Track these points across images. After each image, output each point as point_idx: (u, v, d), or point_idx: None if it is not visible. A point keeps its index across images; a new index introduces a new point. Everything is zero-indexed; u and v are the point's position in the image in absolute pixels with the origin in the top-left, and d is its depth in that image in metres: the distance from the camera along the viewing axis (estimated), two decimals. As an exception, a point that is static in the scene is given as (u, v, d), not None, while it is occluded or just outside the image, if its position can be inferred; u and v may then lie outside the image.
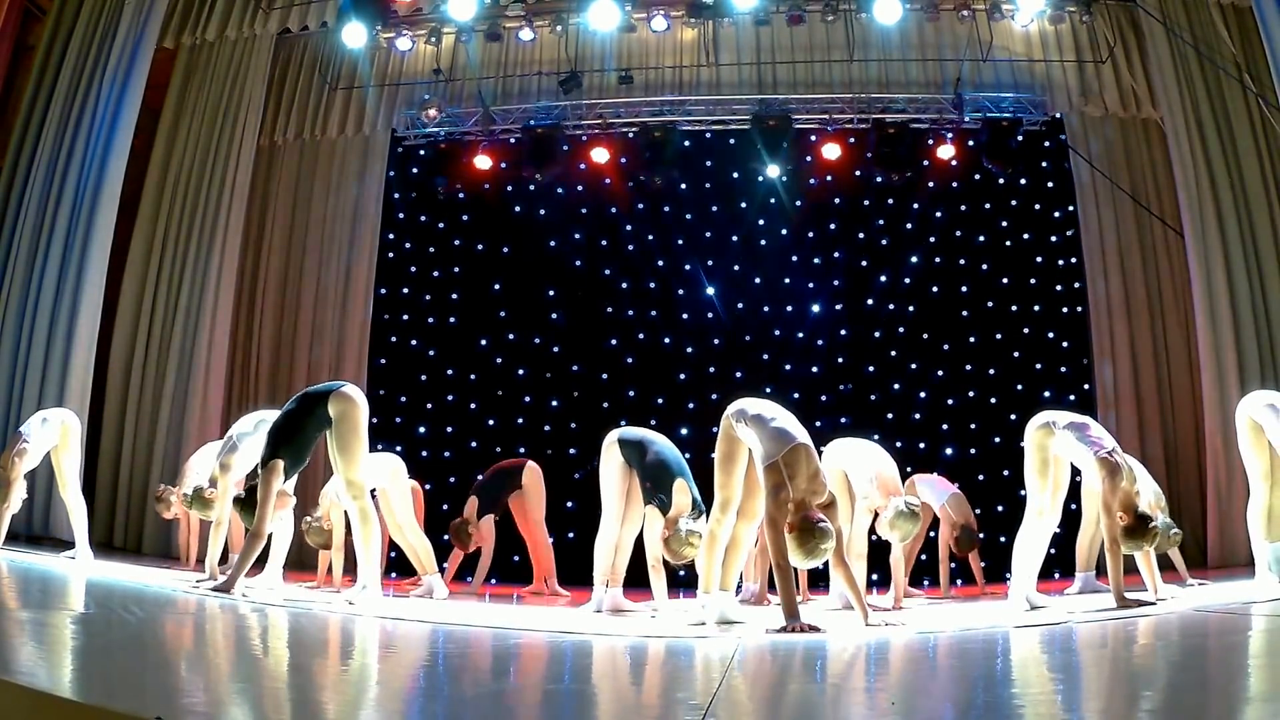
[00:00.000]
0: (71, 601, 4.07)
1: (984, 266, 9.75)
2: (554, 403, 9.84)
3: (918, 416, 9.51)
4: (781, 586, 4.15)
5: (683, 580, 6.09)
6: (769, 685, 2.94)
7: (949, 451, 9.34)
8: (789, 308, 9.84)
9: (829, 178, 9.82)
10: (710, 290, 9.90)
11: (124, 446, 8.84)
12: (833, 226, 9.97)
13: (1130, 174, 9.27)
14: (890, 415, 9.57)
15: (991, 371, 9.55)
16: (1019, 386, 9.43)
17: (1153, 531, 4.56)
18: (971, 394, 9.49)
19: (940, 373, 9.58)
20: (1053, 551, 6.34)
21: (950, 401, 9.50)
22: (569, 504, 9.20)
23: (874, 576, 6.63)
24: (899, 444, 9.44)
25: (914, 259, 9.82)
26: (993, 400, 9.47)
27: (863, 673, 3.13)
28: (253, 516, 4.89)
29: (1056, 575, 7.44)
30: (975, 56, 9.26)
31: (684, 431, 9.65)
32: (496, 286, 10.14)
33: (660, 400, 9.76)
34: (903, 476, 6.34)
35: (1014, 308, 9.60)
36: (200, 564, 6.71)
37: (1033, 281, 9.63)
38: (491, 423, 9.73)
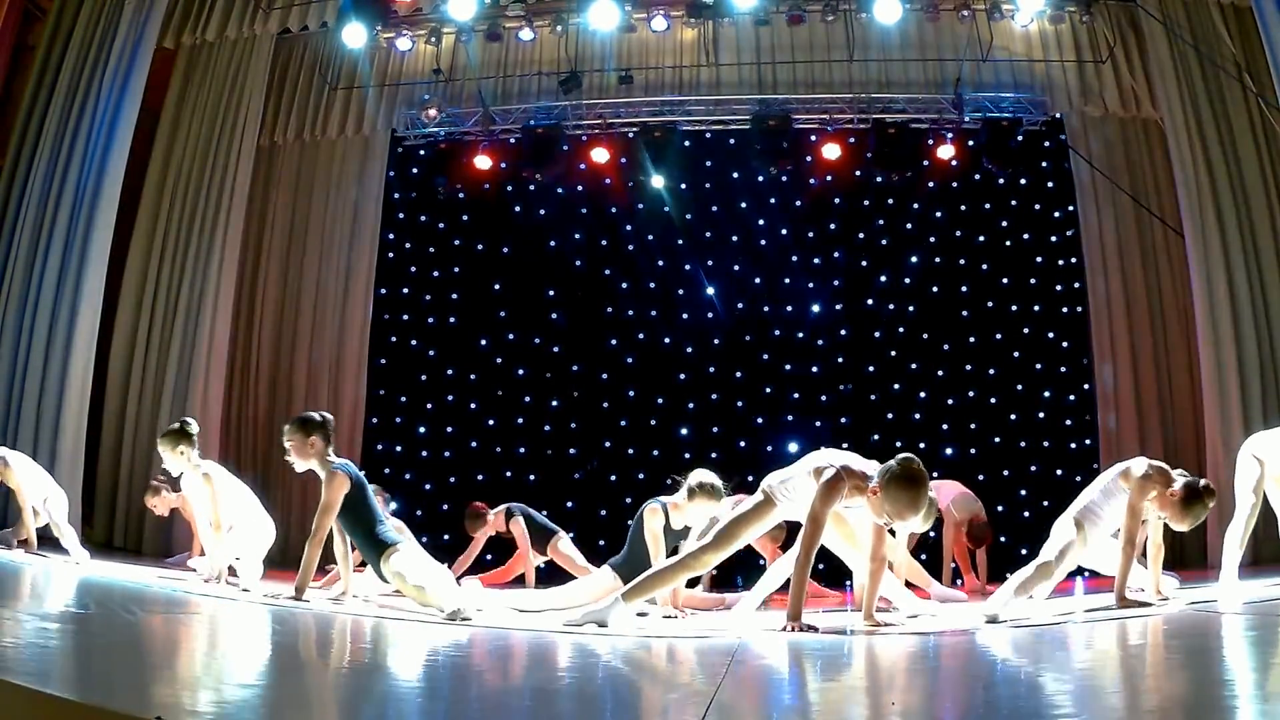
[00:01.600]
0: (71, 601, 4.07)
1: (984, 266, 9.76)
2: (554, 403, 9.85)
3: (918, 416, 9.52)
4: (795, 584, 4.12)
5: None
6: (769, 685, 2.94)
7: (949, 451, 9.34)
8: (789, 308, 9.85)
9: (829, 178, 9.83)
10: (710, 290, 9.90)
11: (124, 446, 8.84)
12: (833, 226, 9.98)
13: (1130, 174, 9.27)
14: (890, 415, 9.58)
15: (991, 371, 9.56)
16: (1019, 386, 9.44)
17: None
18: (971, 394, 9.50)
19: (940, 373, 9.59)
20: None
21: (950, 401, 9.51)
22: (569, 504, 9.22)
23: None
24: (899, 444, 9.46)
25: (914, 259, 9.83)
26: (993, 400, 9.48)
27: (863, 673, 3.13)
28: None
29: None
30: (975, 56, 9.26)
31: (684, 432, 9.68)
32: (496, 286, 10.15)
33: (660, 400, 9.77)
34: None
35: (1014, 308, 9.60)
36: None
37: (1033, 281, 9.64)
38: (491, 423, 9.74)
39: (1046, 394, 9.20)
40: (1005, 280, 9.69)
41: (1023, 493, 8.74)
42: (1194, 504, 4.59)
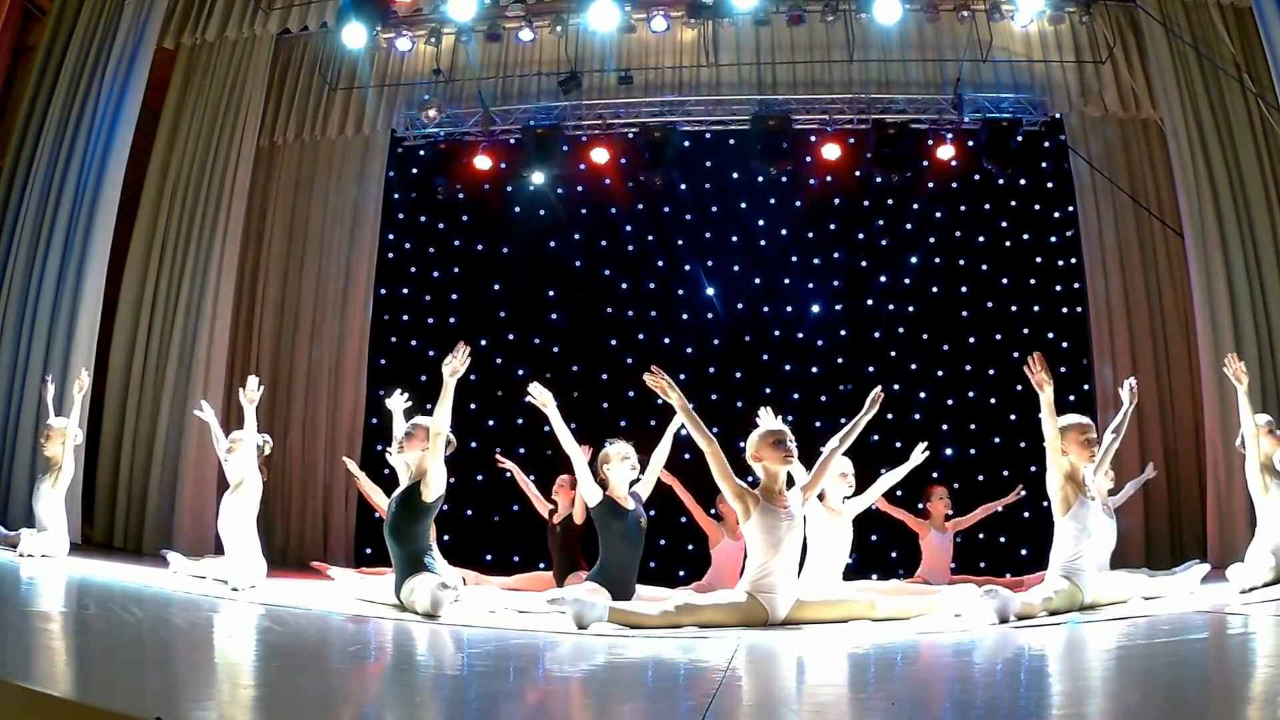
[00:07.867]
0: (71, 602, 4.07)
1: (984, 266, 9.74)
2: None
3: (917, 417, 9.50)
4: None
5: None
6: (769, 685, 2.94)
7: (949, 452, 9.33)
8: (789, 308, 9.83)
9: (829, 178, 9.81)
10: (710, 290, 9.89)
11: (124, 446, 8.83)
12: (832, 226, 9.97)
13: (1130, 174, 9.26)
14: (890, 415, 9.54)
15: (991, 371, 9.55)
16: (1019, 387, 9.37)
17: None
18: (971, 394, 9.48)
19: (940, 373, 9.57)
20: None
21: (950, 401, 9.50)
22: (568, 503, 9.19)
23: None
24: (899, 444, 9.45)
25: (914, 259, 9.82)
26: (993, 400, 9.46)
27: (863, 673, 3.13)
28: None
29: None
30: (975, 57, 9.25)
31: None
32: (496, 286, 10.14)
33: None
34: (903, 478, 6.41)
35: (1014, 308, 9.59)
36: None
37: (1032, 281, 9.62)
38: (491, 423, 9.73)
39: (1046, 394, 9.16)
40: (1005, 280, 9.67)
41: (1023, 492, 8.71)
42: None
